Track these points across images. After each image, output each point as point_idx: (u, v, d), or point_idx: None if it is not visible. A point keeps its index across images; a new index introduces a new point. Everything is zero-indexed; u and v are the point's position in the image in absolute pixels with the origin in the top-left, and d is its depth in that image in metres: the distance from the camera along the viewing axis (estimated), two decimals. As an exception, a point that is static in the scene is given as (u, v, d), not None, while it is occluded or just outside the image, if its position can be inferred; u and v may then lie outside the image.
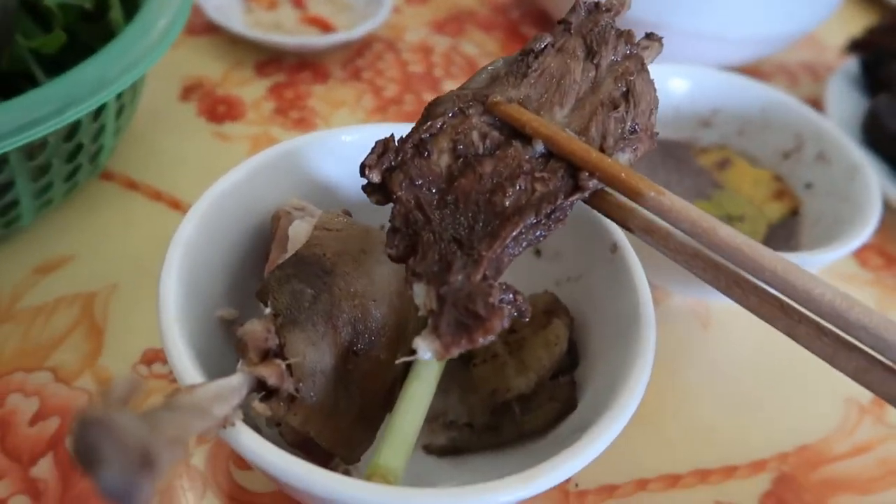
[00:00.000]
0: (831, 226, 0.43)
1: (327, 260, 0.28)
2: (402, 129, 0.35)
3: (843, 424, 0.40)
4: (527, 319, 0.23)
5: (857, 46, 0.66)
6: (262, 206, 0.34)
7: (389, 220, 0.25)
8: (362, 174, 0.26)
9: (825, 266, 0.40)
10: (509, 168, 0.26)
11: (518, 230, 0.24)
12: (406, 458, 0.27)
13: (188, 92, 0.55)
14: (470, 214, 0.25)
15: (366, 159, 0.26)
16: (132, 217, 0.45)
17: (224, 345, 0.31)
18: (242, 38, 0.58)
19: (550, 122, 0.27)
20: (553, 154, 0.26)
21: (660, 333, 0.43)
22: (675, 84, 0.50)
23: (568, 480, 0.36)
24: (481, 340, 0.22)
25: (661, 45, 0.30)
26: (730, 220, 0.45)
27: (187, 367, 0.25)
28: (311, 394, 0.26)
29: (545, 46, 0.29)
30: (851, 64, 0.66)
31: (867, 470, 0.38)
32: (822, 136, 0.46)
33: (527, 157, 0.26)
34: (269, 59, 0.60)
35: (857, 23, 0.75)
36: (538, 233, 0.25)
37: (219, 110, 0.54)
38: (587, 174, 0.25)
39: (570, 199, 0.25)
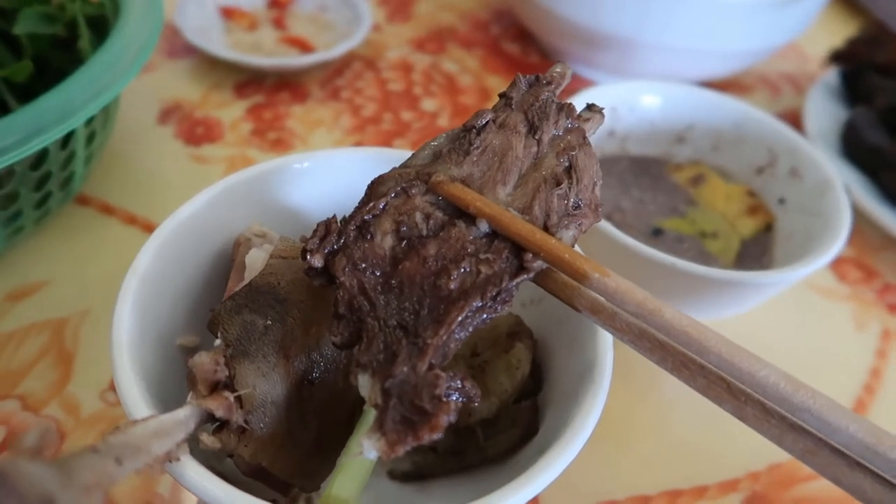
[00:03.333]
0: (803, 241, 0.42)
1: (281, 289, 0.29)
2: (366, 154, 0.36)
3: (817, 442, 0.40)
4: (476, 404, 0.23)
5: (837, 58, 0.66)
6: (226, 232, 0.34)
7: (333, 306, 0.25)
8: (303, 259, 0.26)
9: (798, 281, 0.40)
10: (453, 250, 0.25)
11: (464, 315, 0.24)
12: (360, 487, 0.27)
13: (166, 114, 0.55)
14: (415, 299, 0.24)
15: (307, 244, 0.26)
16: (106, 242, 0.45)
17: (185, 372, 0.31)
18: (222, 60, 0.59)
19: (494, 201, 0.27)
20: (498, 234, 0.26)
21: (627, 350, 0.43)
22: (648, 101, 0.50)
23: (535, 502, 0.36)
24: (427, 437, 0.21)
25: (603, 116, 0.30)
26: (703, 236, 0.45)
27: (136, 400, 0.25)
28: (261, 425, 0.26)
29: (487, 123, 0.29)
30: (832, 75, 0.66)
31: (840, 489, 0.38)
32: (795, 151, 0.46)
33: (471, 237, 0.26)
34: (248, 80, 0.60)
35: (841, 31, 0.75)
36: (484, 315, 0.24)
37: (197, 132, 0.54)
38: (532, 255, 0.25)
39: (516, 280, 0.25)
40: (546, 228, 0.26)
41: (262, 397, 0.26)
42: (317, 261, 0.26)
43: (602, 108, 0.30)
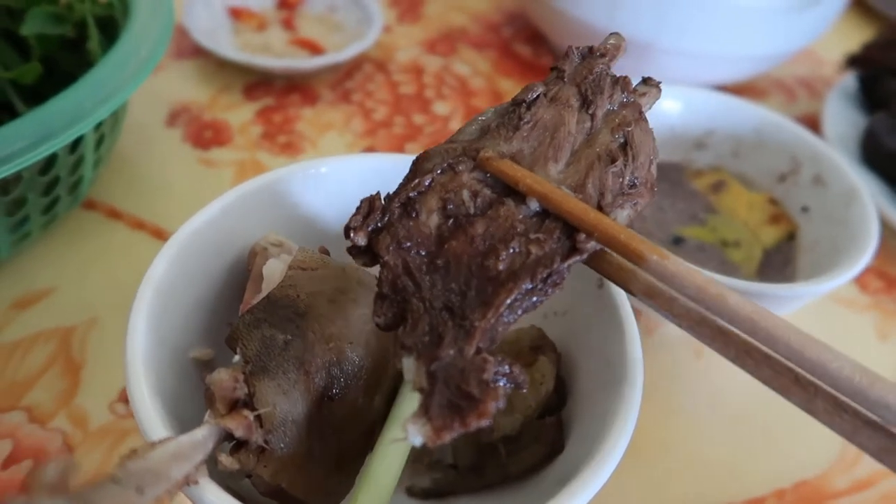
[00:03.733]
0: (828, 252, 0.41)
1: (301, 302, 0.27)
2: (385, 160, 0.35)
3: (843, 457, 0.39)
4: (524, 391, 0.22)
5: (854, 62, 0.65)
6: (241, 241, 0.33)
7: (377, 286, 0.24)
8: (347, 237, 0.25)
9: (820, 294, 0.39)
10: (502, 229, 0.24)
11: (513, 297, 0.23)
12: (383, 507, 0.26)
13: (174, 117, 0.54)
14: (462, 280, 0.23)
15: (350, 221, 0.25)
16: (114, 247, 0.44)
17: (200, 386, 0.30)
18: (230, 62, 0.57)
19: (545, 178, 0.26)
20: (548, 213, 0.25)
21: (651, 363, 0.42)
22: (668, 105, 0.49)
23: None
24: (475, 424, 0.20)
25: (660, 90, 0.29)
26: (724, 245, 0.44)
27: (152, 420, 0.24)
28: (282, 445, 0.25)
29: (537, 97, 0.28)
30: (849, 80, 0.65)
31: None
32: (819, 158, 0.45)
33: (521, 216, 0.25)
34: (257, 82, 0.59)
35: (856, 36, 0.74)
36: (534, 298, 0.23)
37: (205, 135, 0.53)
38: (585, 236, 0.24)
39: (568, 261, 0.24)
40: (600, 207, 0.25)
41: (283, 416, 0.25)
42: (360, 238, 0.25)
43: (659, 82, 0.29)
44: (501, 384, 0.21)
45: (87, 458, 0.34)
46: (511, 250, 0.24)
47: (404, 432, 0.21)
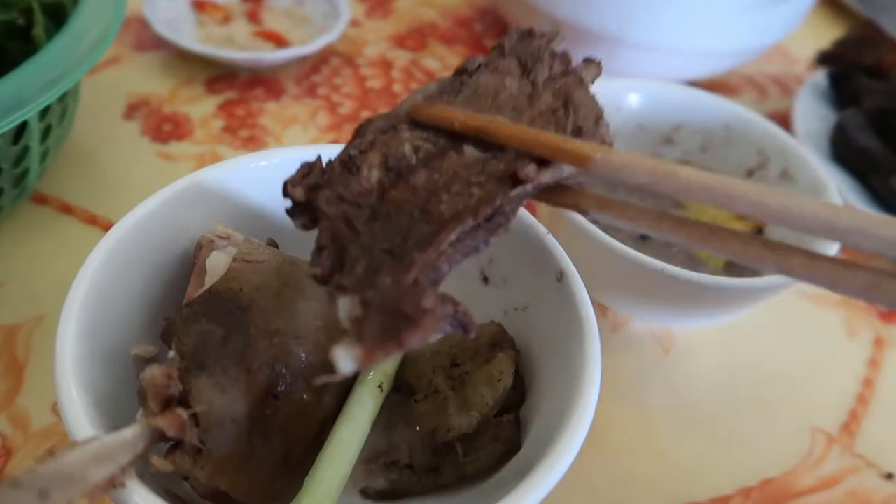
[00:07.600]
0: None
1: (244, 295, 0.26)
2: (338, 151, 0.34)
3: (810, 455, 0.38)
4: (472, 335, 0.21)
5: (825, 59, 0.65)
6: (189, 233, 0.32)
7: (316, 240, 0.23)
8: (285, 193, 0.24)
9: (789, 288, 0.39)
10: (444, 177, 0.24)
11: (456, 234, 0.22)
12: (329, 510, 0.25)
13: (133, 110, 0.53)
14: (403, 225, 0.23)
15: (289, 178, 0.24)
16: (64, 243, 0.43)
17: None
18: (193, 54, 0.56)
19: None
20: (489, 158, 0.25)
21: (619, 360, 0.41)
22: (635, 100, 0.48)
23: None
24: (413, 342, 0.19)
25: (600, 68, 0.29)
26: (692, 240, 0.43)
27: (80, 421, 0.23)
28: (219, 445, 0.24)
29: (478, 66, 0.28)
30: (820, 77, 0.65)
31: (835, 504, 0.37)
32: (786, 153, 0.45)
33: (462, 164, 0.25)
34: (220, 75, 0.58)
35: (828, 32, 0.74)
36: (480, 238, 0.23)
37: (164, 129, 0.52)
38: (526, 167, 0.24)
39: (512, 193, 0.23)
40: None
41: (220, 414, 0.24)
42: (298, 193, 0.24)
43: (600, 61, 0.29)
44: (441, 314, 0.20)
45: (26, 460, 0.33)
46: (453, 192, 0.24)
47: (334, 361, 0.19)
